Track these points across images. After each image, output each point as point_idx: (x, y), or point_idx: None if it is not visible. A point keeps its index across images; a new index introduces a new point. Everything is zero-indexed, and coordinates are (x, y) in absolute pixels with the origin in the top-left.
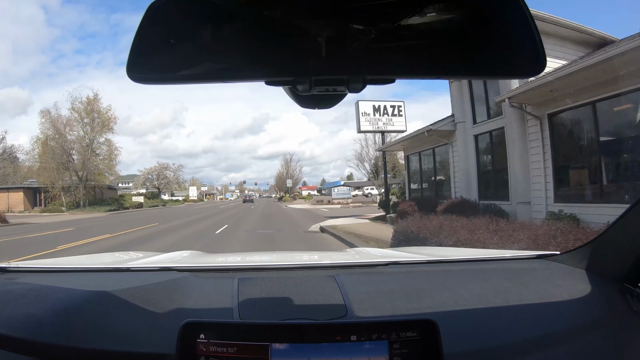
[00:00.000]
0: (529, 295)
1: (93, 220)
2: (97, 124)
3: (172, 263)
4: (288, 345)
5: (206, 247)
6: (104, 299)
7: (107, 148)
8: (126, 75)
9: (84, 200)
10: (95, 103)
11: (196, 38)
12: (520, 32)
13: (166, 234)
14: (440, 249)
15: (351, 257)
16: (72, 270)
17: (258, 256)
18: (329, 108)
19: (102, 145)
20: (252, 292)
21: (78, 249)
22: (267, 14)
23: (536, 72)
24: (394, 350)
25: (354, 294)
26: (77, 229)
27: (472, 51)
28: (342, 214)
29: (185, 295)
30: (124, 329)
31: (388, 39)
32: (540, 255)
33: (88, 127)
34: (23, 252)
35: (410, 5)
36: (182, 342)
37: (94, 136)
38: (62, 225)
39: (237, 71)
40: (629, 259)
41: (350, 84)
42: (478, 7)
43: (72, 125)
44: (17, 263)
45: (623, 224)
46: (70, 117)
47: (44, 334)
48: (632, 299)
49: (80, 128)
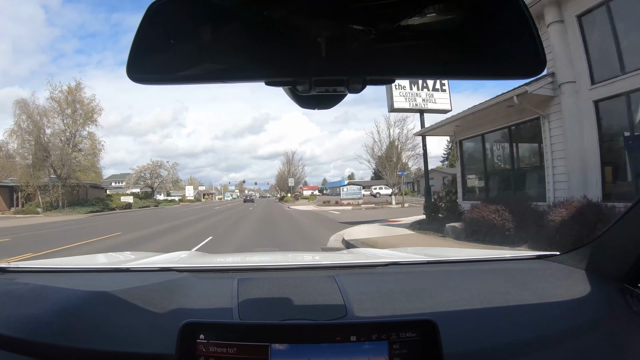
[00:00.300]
0: (528, 295)
1: (59, 225)
2: (80, 116)
3: (172, 263)
4: (288, 346)
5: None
6: (104, 299)
7: (90, 142)
8: (126, 75)
9: (63, 201)
10: (78, 92)
11: (196, 38)
12: (519, 32)
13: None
14: (440, 249)
15: (351, 257)
16: (72, 270)
17: (258, 256)
18: (329, 108)
19: (85, 140)
20: (251, 292)
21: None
22: (267, 14)
23: (536, 72)
24: (393, 350)
25: (353, 295)
26: (13, 239)
27: (472, 51)
28: (359, 218)
29: (185, 295)
30: (123, 330)
31: (388, 40)
32: (540, 256)
33: (69, 118)
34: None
35: (410, 6)
36: (182, 342)
37: (76, 129)
38: (7, 232)
39: (237, 71)
40: (629, 259)
41: (350, 85)
42: (477, 7)
43: (51, 117)
44: (16, 263)
45: (622, 225)
46: (49, 108)
47: (44, 334)
48: (632, 299)
49: (60, 120)
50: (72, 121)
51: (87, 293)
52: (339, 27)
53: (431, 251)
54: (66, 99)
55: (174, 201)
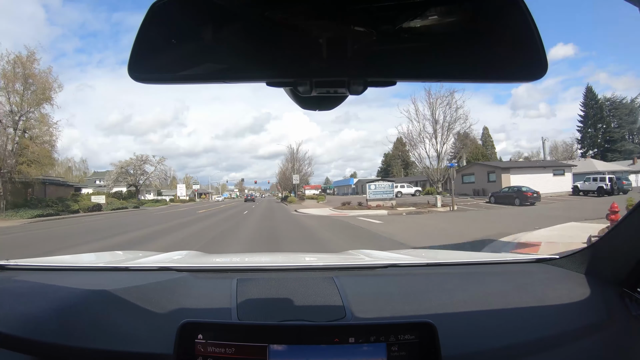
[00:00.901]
0: (527, 298)
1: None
2: (31, 94)
3: (171, 263)
4: (286, 347)
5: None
6: (103, 298)
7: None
8: (127, 74)
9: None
10: (30, 64)
11: (197, 38)
12: (521, 36)
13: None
14: (439, 252)
15: (350, 259)
16: (72, 268)
17: (257, 257)
18: (330, 110)
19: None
20: (250, 292)
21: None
22: (268, 15)
23: (537, 76)
24: (392, 352)
25: (352, 296)
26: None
27: (473, 55)
28: (425, 236)
29: (184, 295)
30: (122, 329)
31: (389, 42)
32: (539, 260)
33: (17, 96)
34: None
35: (411, 9)
36: (180, 342)
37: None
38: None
39: (238, 72)
40: (628, 263)
41: (351, 86)
42: (479, 10)
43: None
44: (16, 261)
45: (622, 229)
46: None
47: (42, 332)
48: (631, 303)
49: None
50: (20, 99)
51: (86, 291)
52: (341, 28)
53: (430, 254)
54: (12, 71)
55: (162, 201)
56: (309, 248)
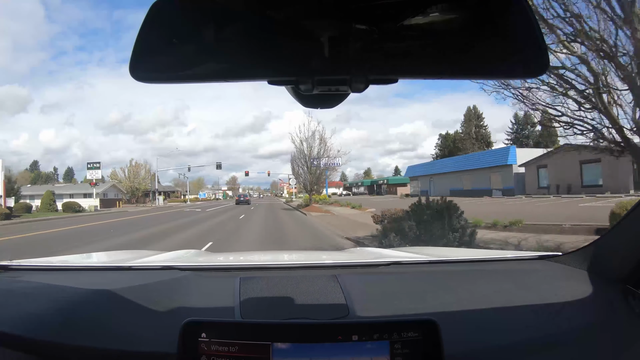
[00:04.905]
0: (531, 296)
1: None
2: None
3: (174, 262)
4: (289, 345)
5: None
6: (106, 297)
7: None
8: (129, 73)
9: None
10: None
11: (199, 37)
12: (523, 32)
13: None
14: (442, 249)
15: (353, 256)
16: (75, 268)
17: (260, 255)
18: (332, 108)
19: None
20: (253, 291)
21: None
22: (269, 13)
23: (539, 73)
24: (395, 350)
25: (355, 294)
26: None
27: (475, 51)
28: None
29: (187, 294)
30: (126, 328)
31: (391, 39)
32: (542, 256)
33: None
34: None
35: (413, 6)
36: (184, 341)
37: None
38: None
39: (239, 71)
40: (631, 260)
41: (353, 84)
42: (481, 7)
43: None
44: (19, 261)
45: (625, 226)
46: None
47: (46, 332)
48: (634, 300)
49: None
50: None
51: (89, 291)
52: (342, 26)
53: (433, 251)
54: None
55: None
56: None
